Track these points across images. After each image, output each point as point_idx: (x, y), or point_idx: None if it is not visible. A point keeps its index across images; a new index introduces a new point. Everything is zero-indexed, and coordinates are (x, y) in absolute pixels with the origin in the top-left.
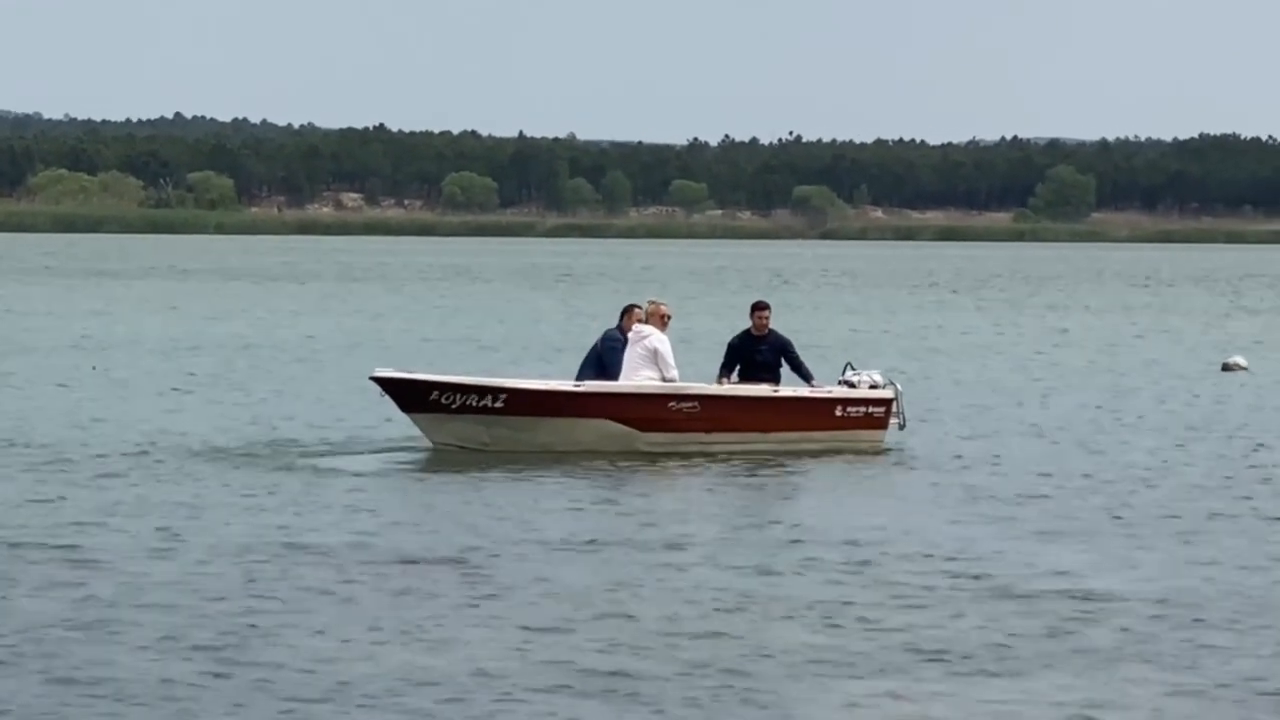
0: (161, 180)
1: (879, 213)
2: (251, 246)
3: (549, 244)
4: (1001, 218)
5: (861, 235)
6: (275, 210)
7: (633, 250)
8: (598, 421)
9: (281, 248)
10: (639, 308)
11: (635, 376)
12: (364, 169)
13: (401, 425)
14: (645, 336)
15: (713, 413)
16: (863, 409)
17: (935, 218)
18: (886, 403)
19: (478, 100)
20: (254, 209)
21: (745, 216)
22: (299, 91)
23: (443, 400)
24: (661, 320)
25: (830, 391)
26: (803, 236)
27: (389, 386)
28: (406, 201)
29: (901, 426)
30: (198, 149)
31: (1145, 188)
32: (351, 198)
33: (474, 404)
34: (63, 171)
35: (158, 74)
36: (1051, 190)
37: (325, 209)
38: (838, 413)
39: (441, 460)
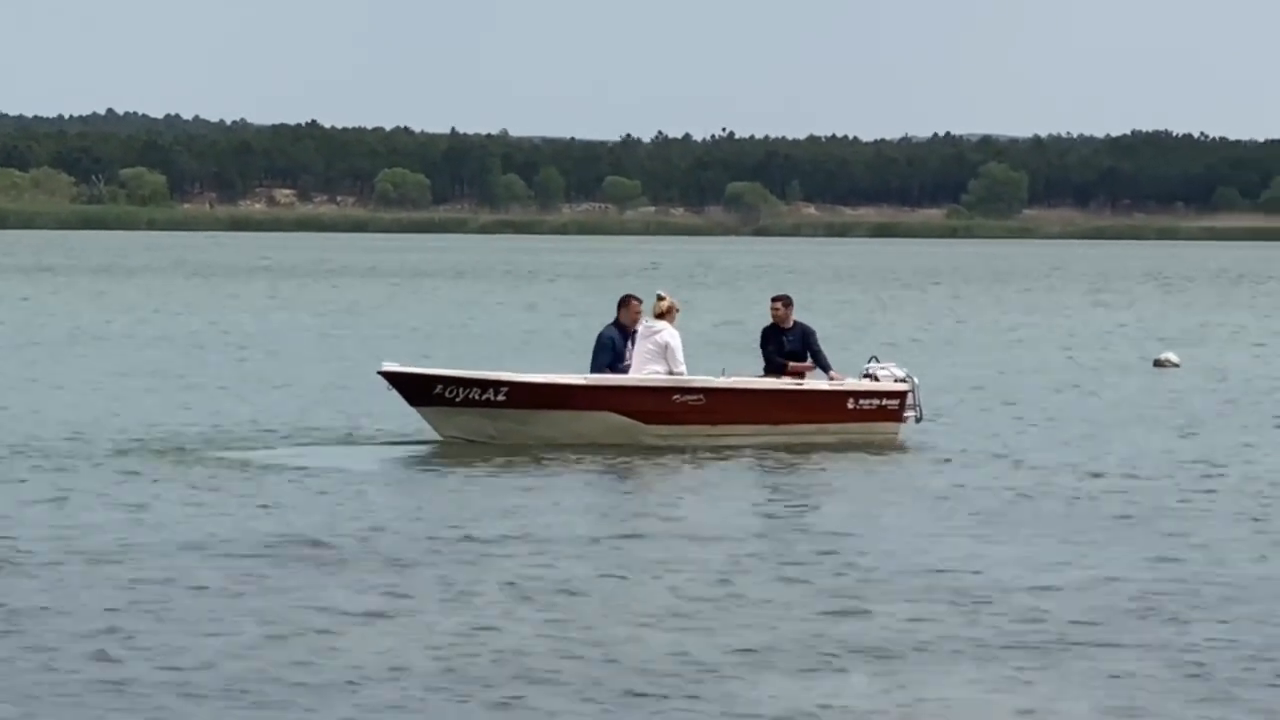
0: (94, 177)
1: (812, 209)
2: (187, 242)
3: (488, 240)
4: (934, 214)
5: (794, 231)
6: (207, 206)
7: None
8: (601, 414)
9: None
10: (636, 299)
11: (644, 370)
12: (297, 165)
13: (400, 420)
14: (656, 331)
15: (718, 405)
16: (876, 401)
17: (868, 214)
18: (901, 395)
19: (410, 97)
20: (186, 205)
21: (678, 213)
22: (232, 88)
23: (447, 394)
24: (671, 314)
25: (842, 384)
26: (736, 233)
27: (396, 381)
28: (339, 198)
29: (918, 419)
30: (130, 145)
31: (1077, 184)
32: (284, 194)
33: (477, 397)
34: None
35: (90, 70)
36: (984, 187)
37: (258, 205)
38: (850, 405)
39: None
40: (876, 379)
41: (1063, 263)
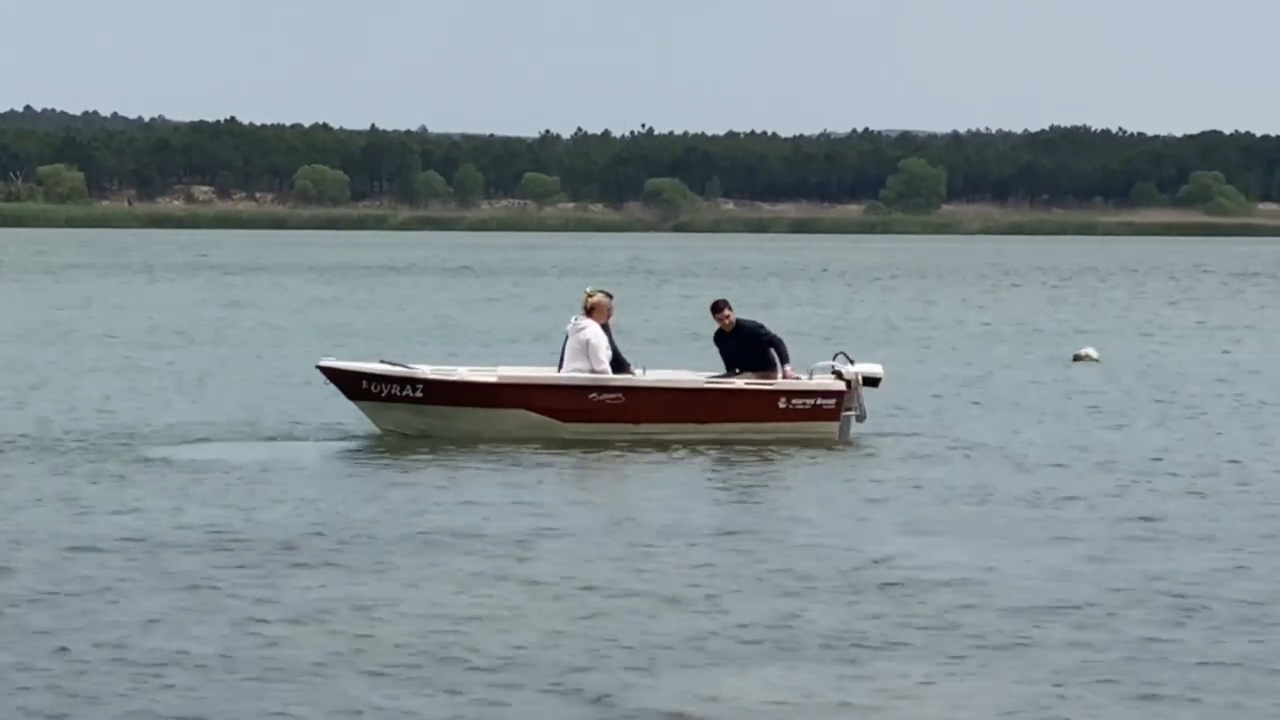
0: (11, 174)
1: (731, 205)
2: (105, 239)
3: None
4: (853, 210)
5: (714, 228)
6: (126, 204)
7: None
8: (516, 412)
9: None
10: (605, 294)
11: (570, 367)
12: (215, 162)
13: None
14: (581, 329)
15: (639, 403)
16: (810, 401)
17: (787, 210)
18: (837, 394)
19: (329, 93)
20: (105, 202)
21: (597, 209)
22: (150, 85)
23: (374, 390)
24: (600, 311)
25: (773, 383)
26: (655, 229)
27: (332, 376)
28: (258, 195)
29: (860, 419)
30: (48, 142)
31: (996, 180)
32: (203, 190)
33: (398, 393)
34: None
35: (7, 67)
36: (902, 182)
37: (176, 202)
38: (782, 405)
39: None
40: (840, 375)
41: (997, 259)
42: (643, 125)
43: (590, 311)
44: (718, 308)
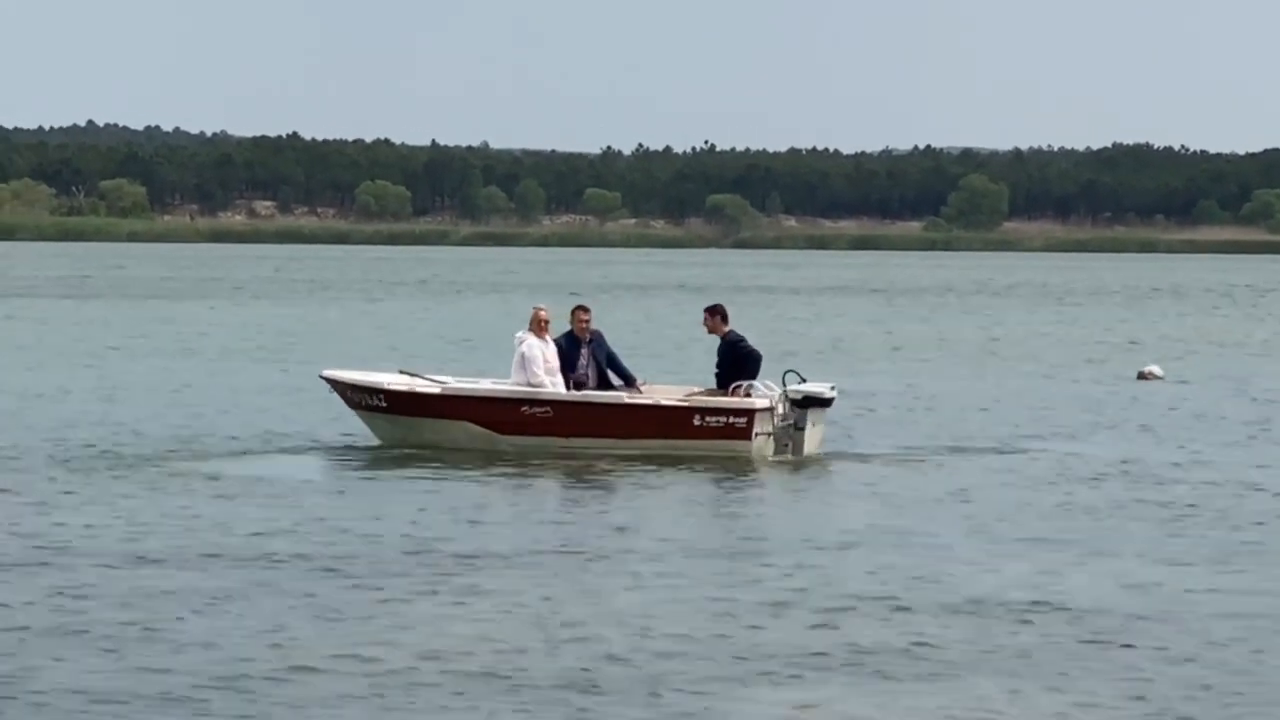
0: (74, 188)
1: (792, 221)
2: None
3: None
4: (914, 227)
5: (775, 244)
6: (188, 218)
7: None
8: (460, 423)
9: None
10: (582, 309)
11: (510, 380)
12: (277, 177)
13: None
14: (520, 343)
15: (567, 418)
16: (723, 419)
17: (848, 227)
18: (749, 414)
19: (391, 108)
20: (166, 217)
21: (658, 225)
22: (212, 99)
23: (356, 400)
24: (539, 325)
25: (687, 400)
26: (716, 245)
27: (333, 385)
28: (320, 210)
29: (781, 442)
30: (110, 157)
31: (1058, 197)
32: (264, 206)
33: (367, 403)
34: None
35: (71, 82)
36: (964, 199)
37: (238, 217)
38: (696, 422)
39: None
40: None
41: (1059, 276)
42: (705, 141)
43: (534, 325)
44: (712, 312)
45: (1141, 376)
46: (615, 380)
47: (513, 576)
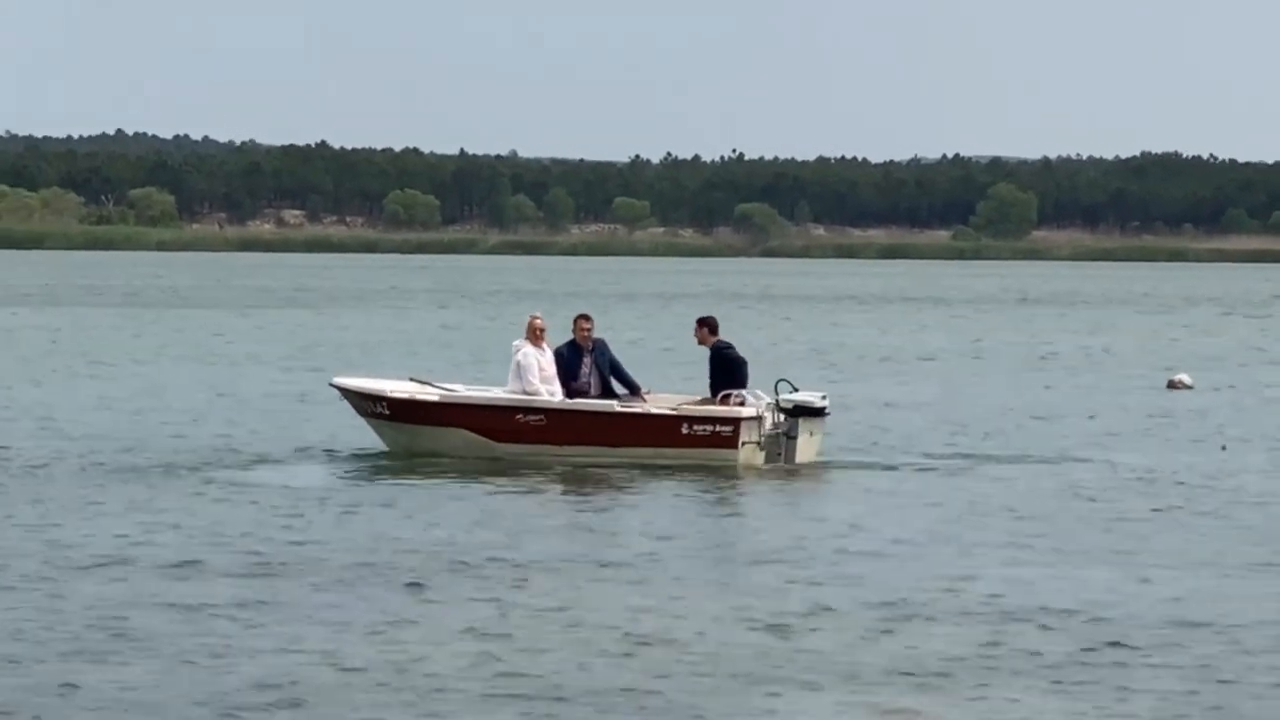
0: (103, 197)
1: (820, 230)
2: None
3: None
4: (942, 235)
5: (803, 253)
6: (217, 227)
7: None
8: (458, 430)
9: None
10: (584, 318)
11: (507, 388)
12: (306, 186)
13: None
14: (517, 350)
15: (560, 426)
16: (710, 428)
17: (877, 235)
18: (735, 422)
19: (420, 117)
20: (195, 226)
21: (687, 234)
22: (241, 108)
23: (361, 406)
24: (535, 334)
25: (677, 409)
26: (744, 254)
27: (343, 393)
28: (348, 219)
29: (773, 451)
30: (139, 165)
31: (1086, 206)
32: (293, 214)
33: (371, 410)
34: (3, 188)
35: (99, 91)
36: (992, 208)
37: (267, 226)
38: (684, 430)
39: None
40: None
41: (1088, 285)
42: (733, 150)
43: (530, 333)
44: (700, 324)
45: (1171, 386)
46: (619, 389)
47: (547, 585)
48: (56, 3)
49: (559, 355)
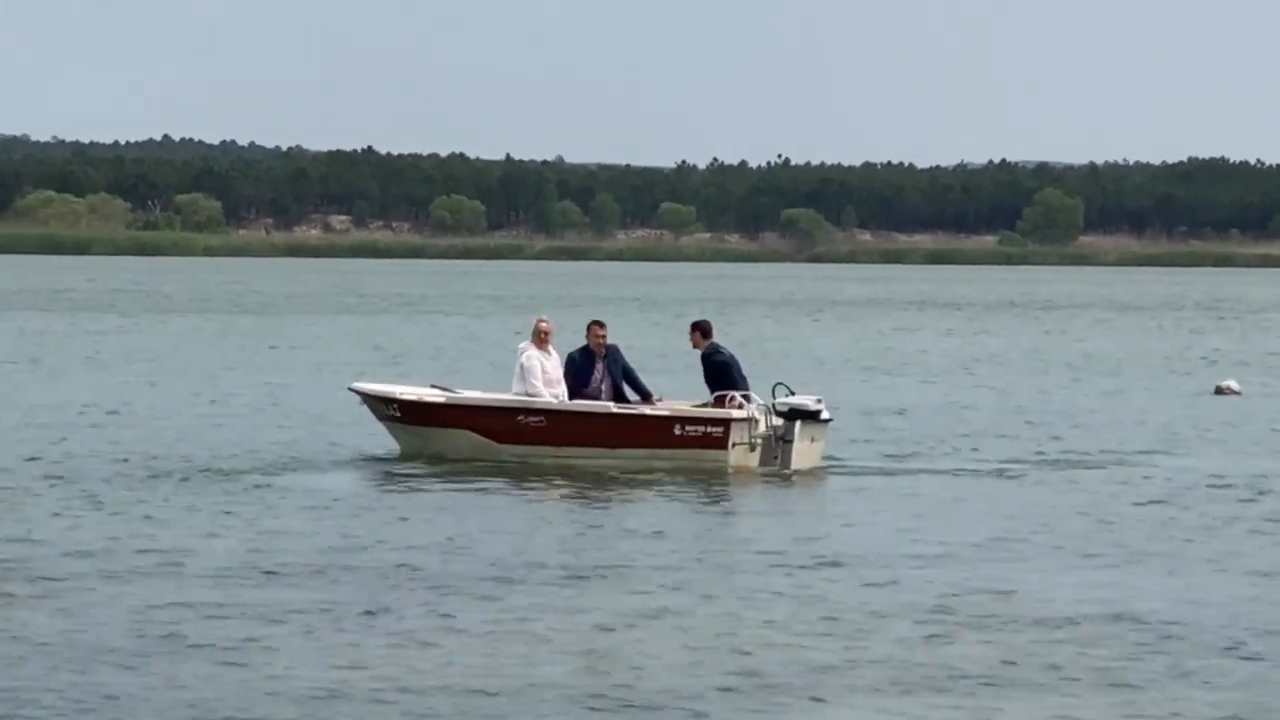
0: (149, 202)
1: (867, 236)
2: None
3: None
4: (988, 241)
5: (849, 258)
6: (263, 232)
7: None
8: (462, 432)
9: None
10: (598, 324)
11: (512, 390)
12: (352, 191)
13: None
14: (520, 352)
15: (559, 427)
16: (701, 429)
17: (923, 241)
18: (725, 423)
19: (466, 123)
20: (242, 231)
21: (733, 239)
22: (287, 114)
23: (376, 409)
24: (540, 336)
25: (671, 410)
26: (790, 259)
27: (361, 397)
28: (394, 224)
29: (770, 455)
30: (186, 171)
31: (1133, 211)
32: (339, 220)
33: (385, 413)
34: (51, 193)
35: (146, 96)
36: (1039, 213)
37: (313, 231)
38: (677, 431)
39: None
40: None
41: (1135, 290)
42: (779, 156)
43: (535, 336)
44: (693, 328)
45: (1219, 391)
46: (631, 395)
47: (591, 593)
48: (106, 11)
49: (571, 360)
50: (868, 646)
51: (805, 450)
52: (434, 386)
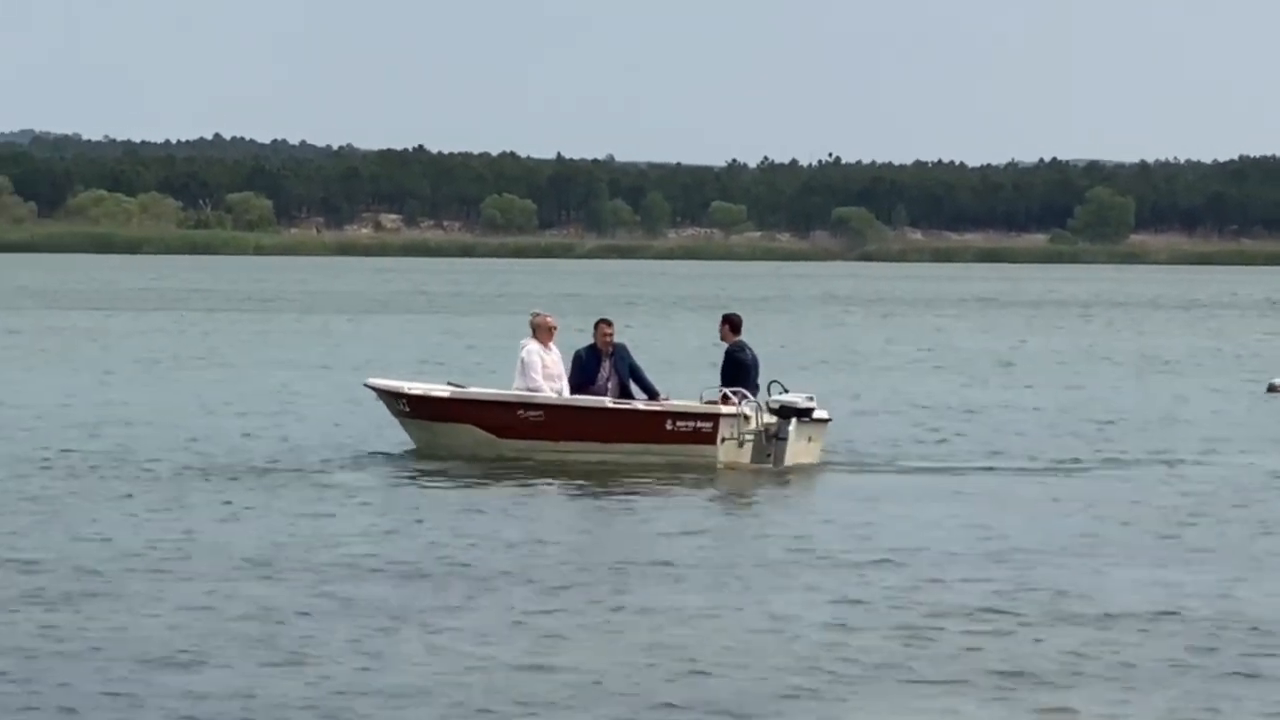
0: (201, 201)
1: (917, 234)
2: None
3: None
4: (1039, 239)
5: (900, 257)
6: (314, 231)
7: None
8: (465, 427)
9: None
10: (605, 323)
11: (513, 385)
12: (403, 190)
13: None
14: (520, 347)
15: (556, 421)
16: (691, 424)
17: (974, 239)
18: (714, 418)
19: (517, 121)
20: (293, 230)
21: (784, 238)
22: (338, 113)
23: (390, 405)
24: (542, 332)
25: (662, 405)
26: (841, 258)
27: (377, 392)
28: (445, 223)
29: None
30: (237, 170)
31: (1184, 209)
32: (390, 219)
33: (397, 408)
34: (102, 192)
35: (197, 95)
36: (1090, 212)
37: (364, 230)
38: (668, 426)
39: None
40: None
41: (1187, 288)
42: (830, 154)
43: (534, 332)
44: (723, 321)
45: (1273, 389)
46: (638, 393)
47: (700, 586)
48: (154, 9)
49: (578, 358)
50: (930, 643)
51: (800, 448)
52: (449, 384)
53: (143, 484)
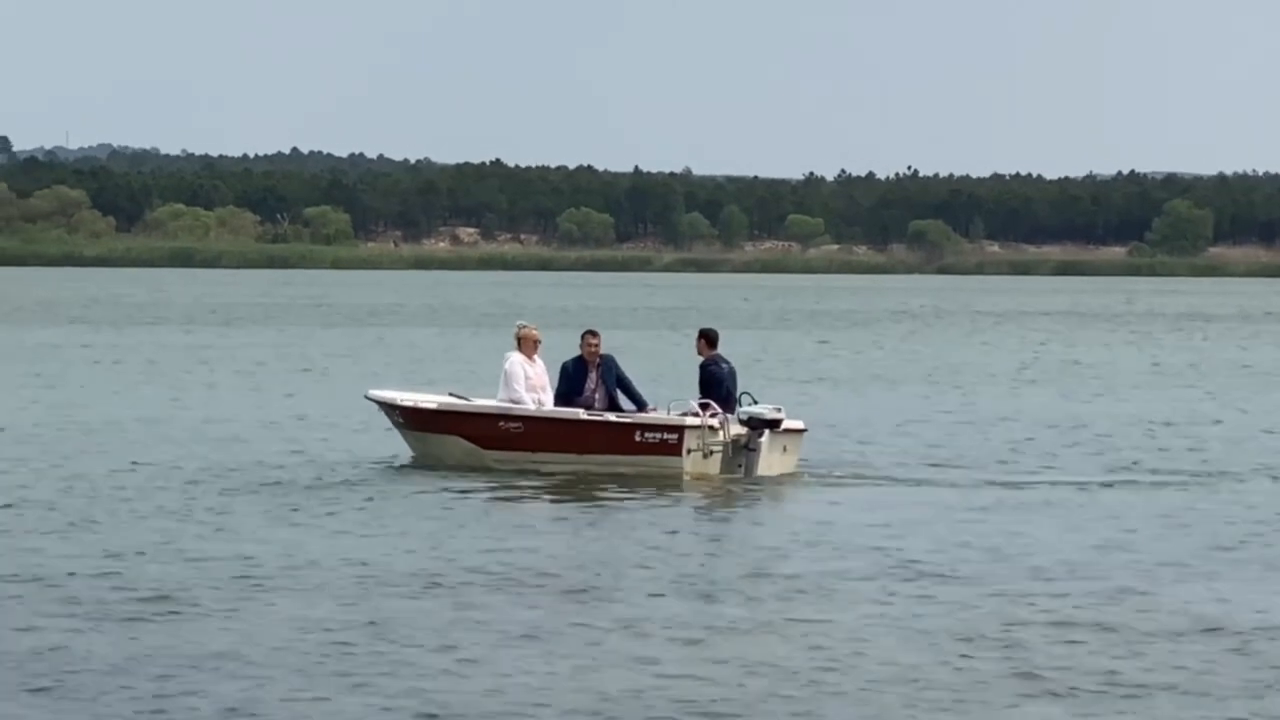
0: (278, 216)
1: (995, 247)
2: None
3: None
4: (1118, 252)
5: (978, 270)
6: (392, 245)
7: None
8: (452, 438)
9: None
10: (590, 334)
11: (499, 395)
12: (480, 204)
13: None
14: (506, 360)
15: (534, 433)
16: (657, 435)
17: (1052, 252)
18: (679, 430)
19: (594, 135)
20: (370, 244)
21: (861, 251)
22: (415, 127)
23: (389, 416)
24: (525, 344)
25: (631, 417)
26: (919, 271)
27: (377, 404)
28: (523, 236)
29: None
30: (314, 184)
31: (1263, 222)
32: (468, 232)
33: (394, 420)
34: (180, 207)
35: (275, 110)
36: (1168, 224)
37: (441, 244)
38: (636, 438)
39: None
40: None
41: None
42: (908, 167)
43: (519, 344)
44: (698, 336)
45: None
46: (626, 404)
47: (735, 601)
48: (234, 26)
49: (564, 370)
50: (985, 657)
51: (776, 459)
52: (451, 394)
53: (265, 495)
